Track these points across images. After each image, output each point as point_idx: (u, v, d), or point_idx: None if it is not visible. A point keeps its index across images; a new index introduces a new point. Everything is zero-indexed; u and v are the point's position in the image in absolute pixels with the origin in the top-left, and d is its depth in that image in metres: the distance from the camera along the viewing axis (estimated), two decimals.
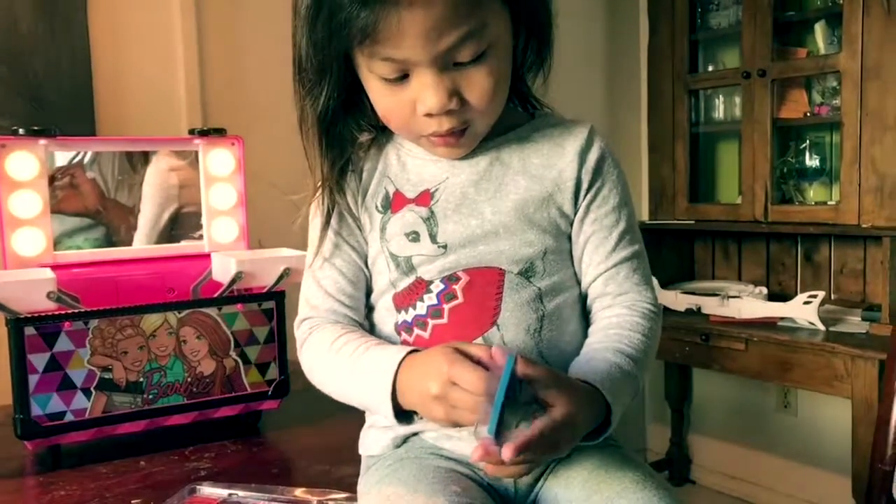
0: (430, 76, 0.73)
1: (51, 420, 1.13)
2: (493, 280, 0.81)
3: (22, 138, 1.24)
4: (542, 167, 0.83)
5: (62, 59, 1.74)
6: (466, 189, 0.82)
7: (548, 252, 0.82)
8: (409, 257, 0.82)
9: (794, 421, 2.59)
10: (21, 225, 1.25)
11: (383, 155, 0.86)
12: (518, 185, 0.83)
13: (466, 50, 0.73)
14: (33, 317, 1.11)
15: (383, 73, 0.75)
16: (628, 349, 0.79)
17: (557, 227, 0.83)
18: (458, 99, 0.75)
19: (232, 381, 1.25)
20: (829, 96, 2.36)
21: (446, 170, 0.83)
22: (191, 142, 1.38)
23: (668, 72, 2.65)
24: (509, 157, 0.84)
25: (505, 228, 0.81)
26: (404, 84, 0.75)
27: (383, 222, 0.84)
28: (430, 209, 0.82)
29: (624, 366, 0.77)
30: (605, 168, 0.84)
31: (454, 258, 0.81)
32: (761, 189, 2.41)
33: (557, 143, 0.84)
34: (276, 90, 1.98)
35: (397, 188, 0.84)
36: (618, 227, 0.84)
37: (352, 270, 0.86)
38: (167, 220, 1.43)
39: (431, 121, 0.76)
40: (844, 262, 2.42)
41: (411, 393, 0.73)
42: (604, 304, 0.84)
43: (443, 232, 0.81)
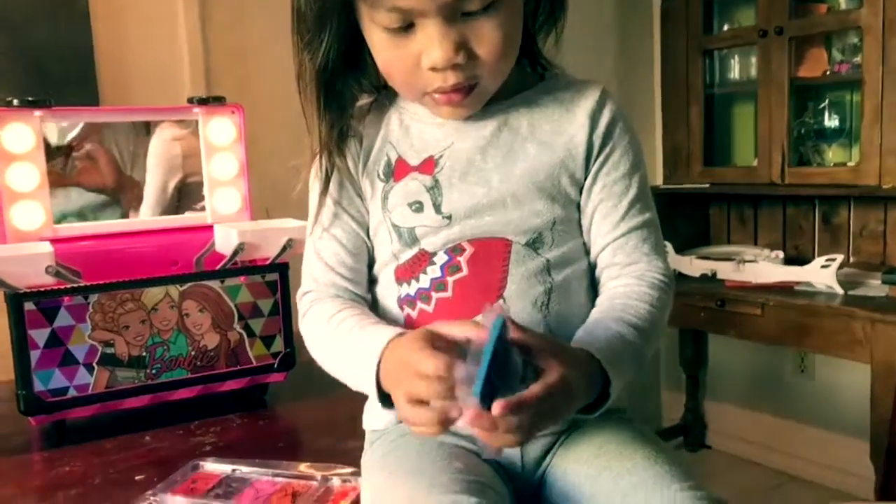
0: (437, 27, 0.70)
1: (54, 396, 1.11)
2: (499, 251, 0.78)
3: (16, 109, 1.21)
4: (552, 133, 0.80)
5: (63, 29, 1.71)
6: (473, 155, 0.79)
7: (557, 222, 0.79)
8: (412, 228, 0.79)
9: (811, 385, 2.56)
10: (19, 198, 1.22)
11: (385, 119, 0.82)
12: (527, 152, 0.79)
13: None
14: (32, 292, 1.10)
15: (387, 24, 0.71)
16: (633, 319, 0.75)
17: (567, 195, 0.80)
18: (466, 53, 0.71)
19: (237, 355, 1.23)
20: (849, 53, 2.28)
21: (451, 134, 0.80)
22: (190, 110, 1.34)
23: (681, 32, 2.57)
24: (518, 121, 0.80)
25: (513, 198, 0.78)
26: (409, 35, 0.71)
27: (385, 191, 0.80)
28: (434, 178, 0.79)
29: (627, 335, 0.73)
30: (616, 132, 0.80)
31: (459, 229, 0.78)
32: (778, 151, 2.35)
33: (568, 107, 0.80)
34: (280, 58, 1.95)
35: (400, 155, 0.80)
36: (628, 194, 0.80)
37: (352, 241, 0.83)
38: (173, 191, 1.41)
39: (436, 75, 0.72)
40: (864, 223, 2.36)
41: (390, 388, 0.71)
42: (612, 274, 0.81)
43: (447, 202, 0.78)
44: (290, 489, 0.90)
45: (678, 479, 0.69)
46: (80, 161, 1.34)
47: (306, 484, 0.91)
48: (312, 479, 0.92)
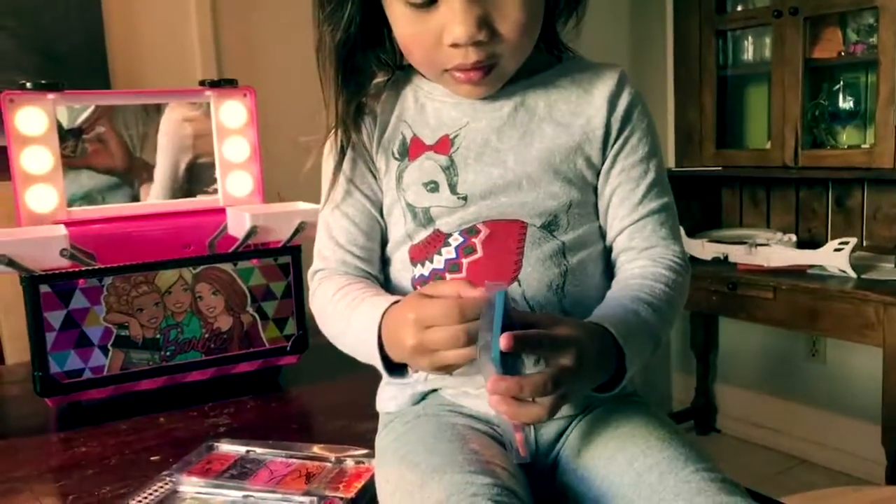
0: (460, 2, 0.69)
1: (69, 377, 1.12)
2: (515, 233, 0.77)
3: (30, 93, 1.21)
4: (569, 114, 0.79)
5: (73, 12, 1.71)
6: (488, 136, 0.79)
7: (573, 205, 0.78)
8: (426, 208, 0.79)
9: (823, 369, 2.55)
10: (34, 181, 1.23)
11: (401, 97, 0.82)
12: (544, 133, 0.78)
13: None
14: (47, 274, 1.10)
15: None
16: (648, 297, 0.75)
17: (584, 178, 0.79)
18: (488, 30, 0.71)
19: (250, 337, 1.24)
20: (864, 34, 2.26)
21: (467, 113, 0.79)
22: (202, 93, 1.34)
23: (694, 12, 2.55)
24: (535, 102, 0.80)
25: (528, 179, 0.77)
26: (431, 10, 0.71)
27: (400, 170, 0.80)
28: (449, 157, 0.78)
29: (641, 312, 0.73)
30: (634, 116, 0.80)
31: (474, 210, 0.78)
32: (791, 133, 2.33)
33: (586, 89, 0.80)
34: (291, 41, 1.95)
35: (415, 133, 0.80)
36: (646, 178, 0.79)
37: (365, 220, 0.83)
38: (184, 171, 1.41)
39: (457, 52, 0.72)
40: (878, 207, 2.34)
41: (393, 349, 0.71)
42: (628, 258, 0.80)
43: (463, 182, 0.78)
44: (305, 470, 0.91)
45: (693, 461, 0.69)
46: (91, 143, 1.35)
47: (320, 465, 0.92)
48: (326, 461, 0.92)
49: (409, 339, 0.66)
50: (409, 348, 0.67)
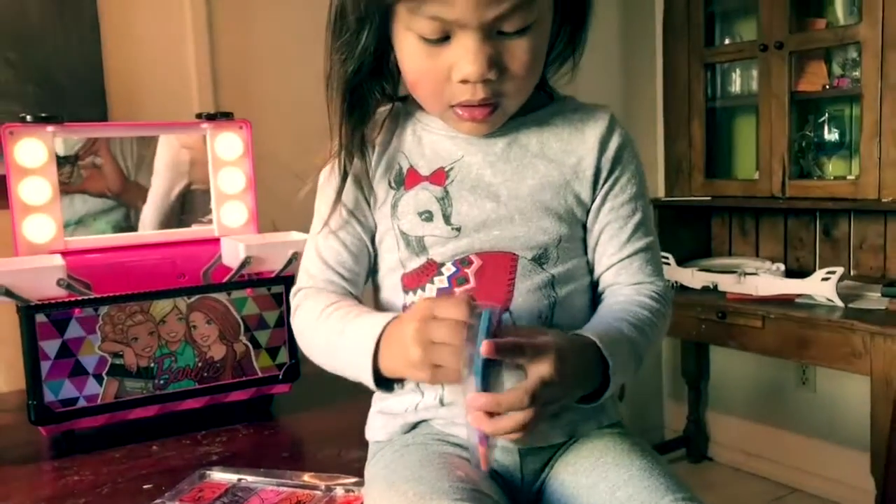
0: (474, 41, 0.71)
1: (63, 406, 1.14)
2: (506, 265, 0.80)
3: (30, 125, 1.24)
4: (561, 152, 0.82)
5: (72, 44, 1.74)
6: (483, 170, 0.81)
7: (562, 239, 0.81)
8: (420, 237, 0.81)
9: (813, 398, 2.56)
10: (31, 212, 1.25)
11: (399, 129, 0.85)
12: (536, 170, 0.81)
13: (515, 20, 0.71)
14: (44, 304, 1.12)
15: (424, 33, 0.72)
16: (631, 318, 0.78)
17: (573, 214, 0.82)
18: (497, 70, 0.73)
19: (242, 366, 1.25)
20: (848, 68, 2.31)
21: (462, 147, 0.82)
22: (198, 126, 1.37)
23: (683, 45, 2.60)
24: (528, 139, 0.82)
25: (521, 214, 0.80)
26: (443, 47, 0.73)
27: (395, 199, 0.82)
28: (444, 188, 0.81)
29: (625, 329, 0.76)
30: (624, 157, 0.83)
31: (467, 241, 0.80)
32: (779, 164, 2.37)
33: (578, 129, 0.83)
34: (288, 74, 1.98)
35: (411, 164, 0.82)
36: (633, 217, 0.83)
37: (356, 245, 0.85)
38: (176, 197, 1.43)
39: (466, 88, 0.74)
40: (864, 237, 2.37)
41: (394, 361, 0.73)
42: (614, 291, 0.84)
43: (457, 213, 0.80)
44: (295, 498, 0.92)
45: (673, 491, 0.71)
46: (86, 170, 1.37)
47: (310, 493, 0.93)
48: (316, 489, 0.94)
49: (415, 354, 0.68)
50: (415, 362, 0.69)
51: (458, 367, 0.67)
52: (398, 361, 0.72)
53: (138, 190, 1.43)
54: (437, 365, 0.68)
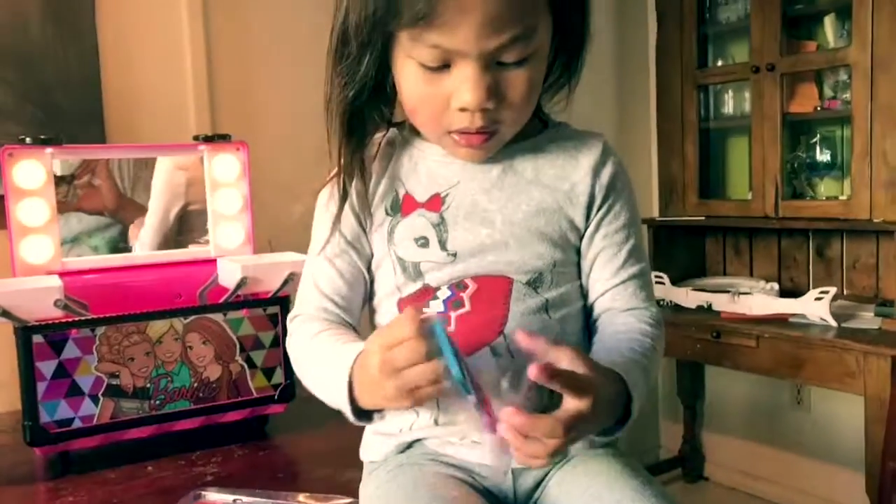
0: (474, 71, 0.72)
1: (59, 427, 1.14)
2: (501, 289, 0.81)
3: (29, 147, 1.25)
4: (555, 179, 0.83)
5: (71, 65, 1.75)
6: (478, 196, 0.82)
7: (556, 264, 0.82)
8: (416, 263, 0.82)
9: (808, 417, 2.57)
10: (29, 233, 1.26)
11: (395, 155, 0.85)
12: (531, 196, 0.82)
13: (515, 51, 0.72)
14: (41, 325, 1.13)
15: (425, 60, 0.73)
16: (639, 348, 0.79)
17: (567, 239, 0.83)
18: (496, 99, 0.74)
19: (238, 386, 1.26)
20: (840, 90, 2.33)
21: (458, 174, 0.83)
22: (195, 148, 1.39)
23: (676, 67, 2.63)
24: (522, 165, 0.83)
25: (515, 239, 0.81)
26: (443, 74, 0.74)
27: (392, 225, 0.83)
28: (440, 215, 0.81)
29: (638, 360, 0.77)
30: (618, 185, 0.85)
31: (463, 266, 0.81)
32: (771, 184, 2.39)
33: (572, 156, 0.84)
34: (284, 95, 2.00)
35: (408, 190, 0.83)
36: (627, 244, 0.84)
37: (351, 272, 0.85)
38: (175, 218, 1.44)
39: (464, 116, 0.75)
40: (857, 256, 2.39)
41: (372, 397, 0.72)
42: (610, 316, 0.84)
43: (452, 239, 0.81)
44: None
45: None
46: (82, 188, 1.38)
47: None
48: None
49: (389, 388, 0.68)
50: (391, 395, 0.68)
51: (433, 385, 0.66)
52: (376, 397, 0.71)
53: (134, 207, 1.44)
54: (414, 388, 0.67)
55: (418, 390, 0.67)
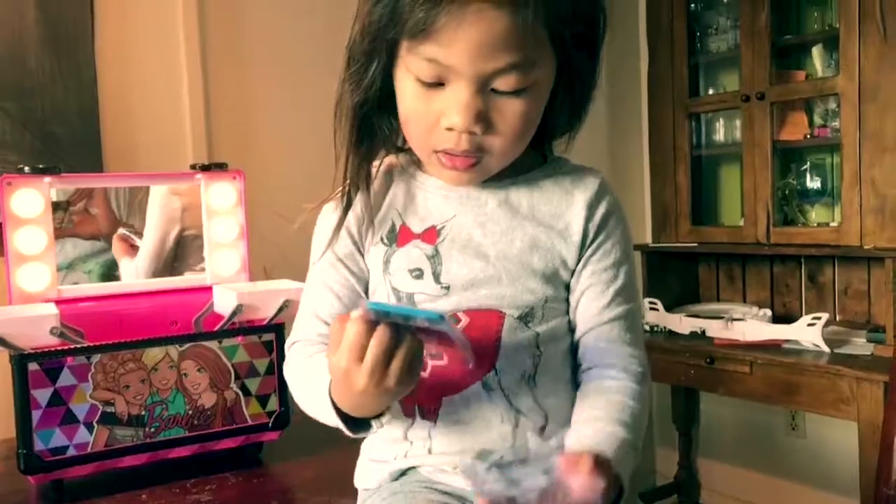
0: (466, 92, 0.73)
1: (53, 455, 1.14)
2: (494, 323, 0.81)
3: (27, 176, 1.26)
4: (550, 216, 0.83)
5: (70, 96, 1.77)
6: (472, 230, 0.83)
7: (548, 300, 0.82)
8: (411, 294, 0.82)
9: (803, 444, 2.57)
10: (26, 260, 1.27)
11: (394, 185, 0.86)
12: (525, 231, 0.83)
13: (510, 79, 0.73)
14: (36, 353, 1.13)
15: (421, 74, 0.74)
16: (629, 420, 0.78)
17: (559, 276, 0.83)
18: (484, 124, 0.75)
19: (233, 413, 1.26)
20: (829, 118, 2.37)
21: (454, 207, 0.84)
22: (192, 177, 1.40)
23: (668, 96, 2.66)
24: (518, 200, 0.84)
25: (508, 274, 0.81)
26: (437, 92, 0.75)
27: (388, 255, 0.84)
28: (435, 247, 0.82)
29: (632, 441, 0.76)
30: (610, 223, 0.84)
31: (456, 300, 0.81)
32: (763, 211, 2.41)
33: (568, 192, 0.84)
34: (282, 122, 2.02)
35: (404, 221, 0.84)
36: (615, 283, 0.83)
37: (348, 295, 0.86)
38: (172, 244, 1.45)
39: (451, 136, 0.76)
40: (849, 283, 2.41)
41: (351, 399, 0.73)
42: (594, 360, 0.83)
43: (446, 272, 0.81)
44: None
45: None
46: (78, 215, 1.39)
47: None
48: None
49: (359, 378, 0.68)
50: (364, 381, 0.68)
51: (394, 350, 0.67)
52: (354, 398, 0.71)
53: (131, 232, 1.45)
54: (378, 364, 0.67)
55: (386, 366, 0.67)
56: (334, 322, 0.70)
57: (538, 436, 0.81)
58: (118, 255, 1.41)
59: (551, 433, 0.82)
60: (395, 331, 0.67)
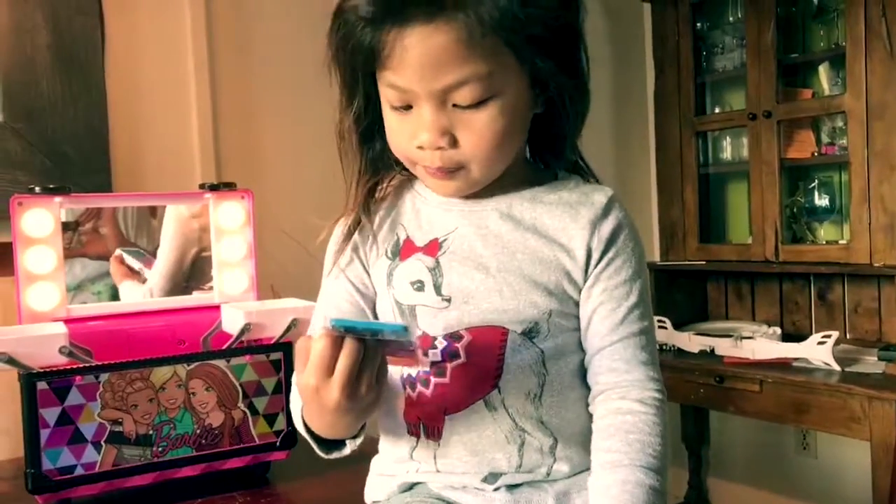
0: (428, 111, 0.75)
1: (61, 474, 1.14)
2: (496, 340, 0.80)
3: (38, 196, 1.27)
4: (552, 230, 0.82)
5: (80, 116, 1.79)
6: (474, 242, 0.82)
7: (553, 314, 0.81)
8: (413, 306, 0.83)
9: (815, 463, 2.54)
10: (36, 280, 1.28)
11: (400, 201, 0.87)
12: (527, 245, 0.82)
13: (466, 93, 0.73)
14: (45, 372, 1.13)
15: (391, 100, 0.77)
16: (654, 462, 0.76)
17: (564, 291, 0.82)
18: (451, 139, 0.76)
19: (240, 433, 1.26)
20: (836, 136, 2.37)
21: (457, 220, 0.84)
22: (201, 196, 1.41)
23: (675, 114, 2.67)
24: (521, 213, 0.83)
25: (509, 287, 0.80)
26: (408, 113, 0.77)
27: (391, 269, 0.84)
28: (436, 259, 0.82)
29: (655, 485, 0.75)
30: (619, 239, 0.82)
31: (457, 314, 0.81)
32: (771, 229, 2.41)
33: (573, 208, 0.83)
34: (289, 144, 2.04)
35: (408, 235, 0.85)
36: (628, 300, 0.81)
37: (353, 312, 0.86)
38: (189, 265, 1.46)
39: (424, 154, 0.78)
40: (859, 301, 2.40)
41: (315, 419, 0.75)
42: (609, 382, 0.81)
43: (447, 284, 0.81)
44: None
45: None
46: (87, 235, 1.40)
47: None
48: None
49: (330, 394, 0.69)
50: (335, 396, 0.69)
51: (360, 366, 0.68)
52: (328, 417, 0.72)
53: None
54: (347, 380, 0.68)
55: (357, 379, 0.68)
56: (299, 343, 0.71)
57: (549, 455, 0.81)
58: (116, 277, 1.42)
59: (562, 453, 0.82)
60: (362, 344, 0.68)
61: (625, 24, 2.85)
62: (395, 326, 0.69)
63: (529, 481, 0.82)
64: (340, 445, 0.80)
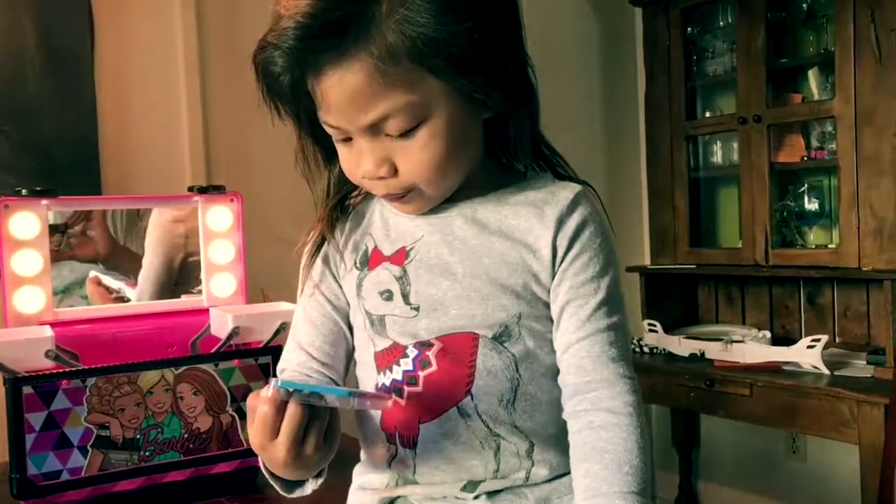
0: (363, 143, 0.75)
1: (47, 479, 1.13)
2: (467, 346, 0.79)
3: (24, 199, 1.26)
4: (519, 231, 0.81)
5: (68, 119, 1.78)
6: (440, 249, 0.81)
7: (523, 316, 0.79)
8: (382, 316, 0.82)
9: (804, 467, 2.55)
10: (22, 283, 1.27)
11: (368, 212, 0.87)
12: (492, 248, 0.80)
13: (392, 125, 0.73)
14: (31, 376, 1.13)
15: (332, 135, 0.77)
16: (632, 480, 0.73)
17: (533, 293, 0.80)
18: (391, 167, 0.75)
19: (228, 437, 1.25)
20: (826, 141, 2.38)
21: (422, 227, 0.83)
22: (190, 199, 1.40)
23: (665, 119, 2.68)
24: (486, 216, 0.82)
25: (477, 292, 0.79)
26: (349, 145, 0.77)
27: (360, 279, 0.84)
28: (403, 268, 0.81)
29: (639, 499, 0.73)
30: (584, 235, 0.80)
31: (426, 323, 0.80)
32: (761, 233, 2.42)
33: (538, 207, 0.81)
34: (279, 147, 2.02)
35: (377, 245, 0.84)
36: (596, 296, 0.79)
37: (326, 324, 0.86)
38: (176, 269, 1.45)
39: (370, 183, 0.78)
40: (848, 305, 2.41)
41: (273, 466, 0.74)
42: (579, 382, 0.79)
43: (415, 292, 0.80)
44: None
45: None
46: (75, 237, 1.39)
47: None
48: None
49: (277, 451, 0.70)
50: (282, 453, 0.70)
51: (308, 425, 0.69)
52: (278, 470, 0.74)
53: (128, 255, 1.45)
54: (293, 439, 0.69)
55: (302, 441, 0.69)
56: (249, 399, 0.72)
57: (526, 459, 0.81)
58: (94, 299, 1.41)
59: (539, 456, 0.81)
60: (308, 405, 0.68)
61: (616, 28, 2.86)
62: (339, 391, 0.70)
63: (509, 487, 0.81)
64: (303, 483, 0.79)
